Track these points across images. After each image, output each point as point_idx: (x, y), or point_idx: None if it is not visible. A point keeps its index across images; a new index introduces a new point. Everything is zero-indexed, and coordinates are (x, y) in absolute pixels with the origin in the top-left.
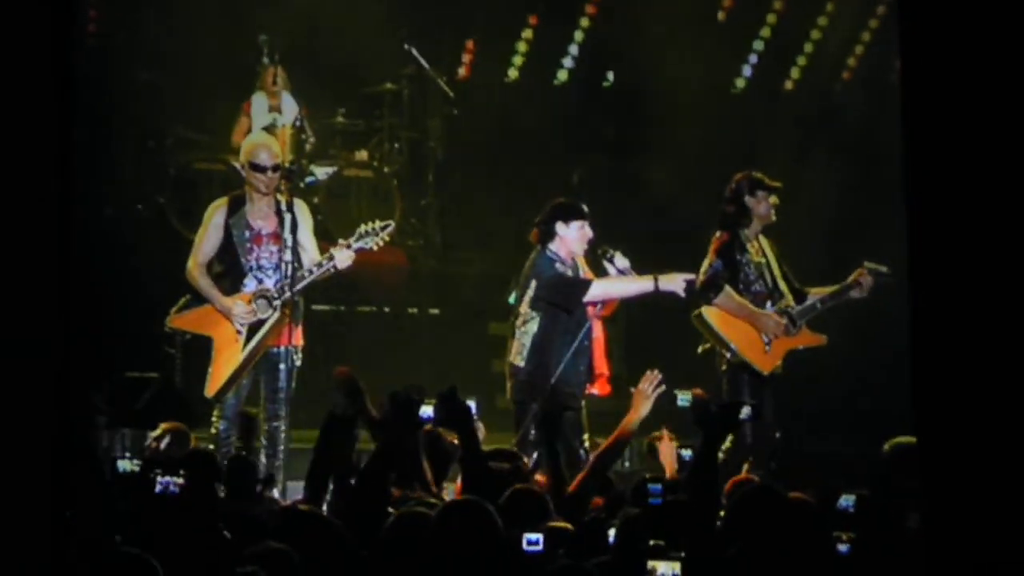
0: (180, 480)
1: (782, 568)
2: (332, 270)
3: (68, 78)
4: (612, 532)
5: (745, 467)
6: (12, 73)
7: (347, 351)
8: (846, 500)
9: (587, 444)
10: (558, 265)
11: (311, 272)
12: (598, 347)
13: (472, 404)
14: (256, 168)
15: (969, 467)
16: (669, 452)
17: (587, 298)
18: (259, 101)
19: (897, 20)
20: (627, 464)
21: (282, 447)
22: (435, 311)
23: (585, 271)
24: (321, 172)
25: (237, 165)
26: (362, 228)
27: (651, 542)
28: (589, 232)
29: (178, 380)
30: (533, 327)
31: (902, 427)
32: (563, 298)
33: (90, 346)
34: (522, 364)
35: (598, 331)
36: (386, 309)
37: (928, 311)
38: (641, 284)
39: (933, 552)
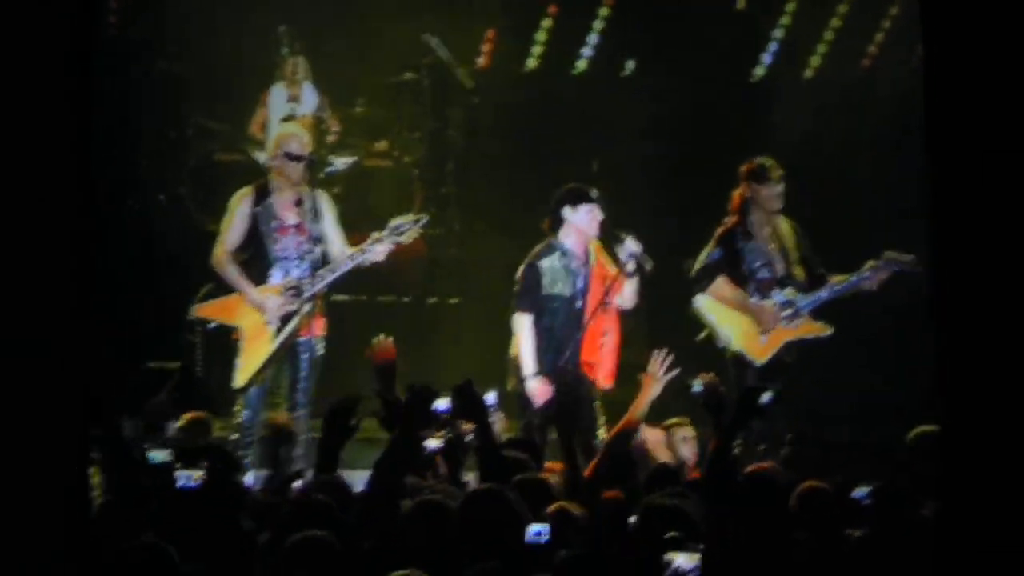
0: (200, 473)
1: (794, 557)
2: (365, 263)
3: (87, 68)
4: (632, 520)
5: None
6: (32, 64)
7: (367, 341)
8: (861, 491)
9: (601, 434)
10: (548, 260)
11: (344, 264)
12: (590, 338)
13: (492, 394)
14: (289, 157)
15: (992, 457)
16: (660, 442)
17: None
18: (278, 91)
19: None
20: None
21: (304, 437)
22: (455, 300)
23: (600, 257)
24: (341, 162)
25: (261, 155)
26: (394, 222)
27: (669, 534)
28: (599, 215)
29: (200, 369)
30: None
31: (920, 416)
32: None
33: (112, 337)
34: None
35: (605, 324)
36: (406, 299)
37: (951, 301)
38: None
39: (947, 540)
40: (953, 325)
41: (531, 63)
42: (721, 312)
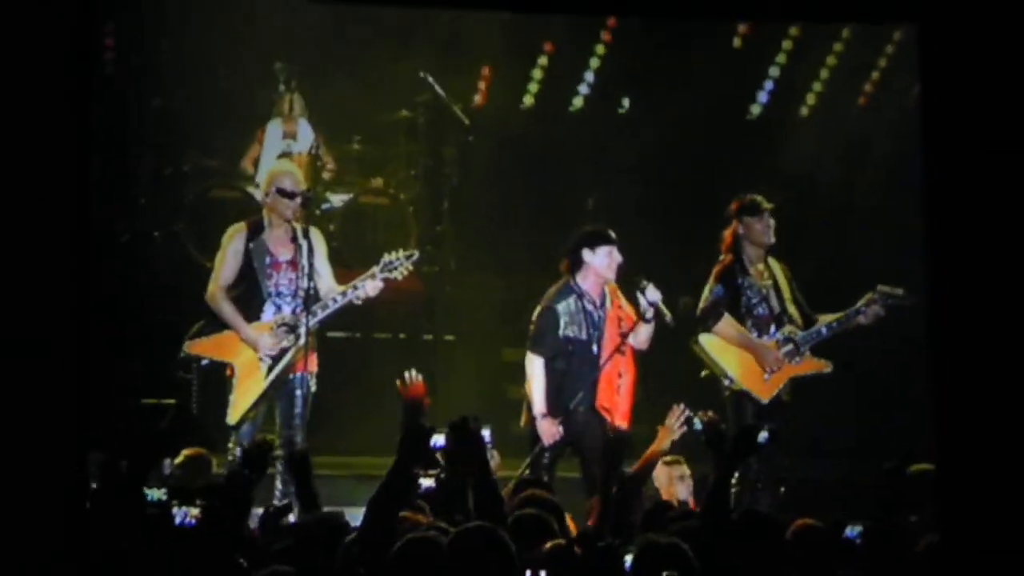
0: (196, 512)
1: None
2: (357, 300)
3: (86, 102)
4: (628, 559)
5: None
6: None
7: (362, 378)
8: (852, 530)
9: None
10: (564, 302)
11: (335, 301)
12: (607, 381)
13: (487, 432)
14: (282, 194)
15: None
16: (666, 476)
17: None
18: (274, 128)
19: (917, 49)
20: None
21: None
22: (450, 337)
23: (616, 300)
24: (337, 199)
25: (256, 192)
26: (387, 257)
27: (664, 573)
28: (618, 257)
29: (195, 406)
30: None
31: (916, 453)
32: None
33: (108, 373)
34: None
35: (621, 366)
36: (401, 336)
37: (948, 336)
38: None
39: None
40: (950, 360)
41: (527, 100)
42: (725, 351)
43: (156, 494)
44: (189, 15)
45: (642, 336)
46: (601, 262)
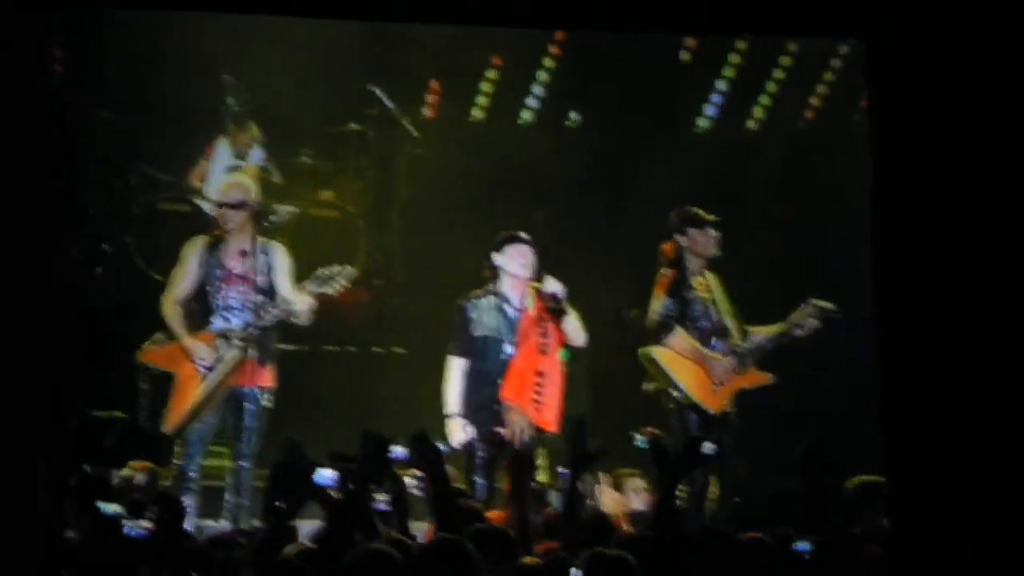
0: (146, 524)
1: None
2: (294, 317)
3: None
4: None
5: (709, 506)
6: None
7: (313, 391)
8: (802, 544)
9: (541, 478)
10: (476, 302)
11: (271, 316)
12: (517, 376)
13: (440, 446)
14: (228, 206)
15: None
16: (615, 502)
17: None
18: (222, 146)
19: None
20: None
21: (247, 487)
22: (401, 350)
23: (537, 303)
24: (285, 212)
25: (206, 204)
26: (319, 272)
27: None
28: (528, 256)
29: (145, 417)
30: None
31: (861, 465)
32: None
33: (56, 386)
34: None
35: (541, 365)
36: (351, 349)
37: (894, 350)
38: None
39: None
40: (896, 373)
41: (476, 114)
42: (677, 363)
43: (111, 508)
44: (136, 28)
45: (569, 331)
46: (509, 261)
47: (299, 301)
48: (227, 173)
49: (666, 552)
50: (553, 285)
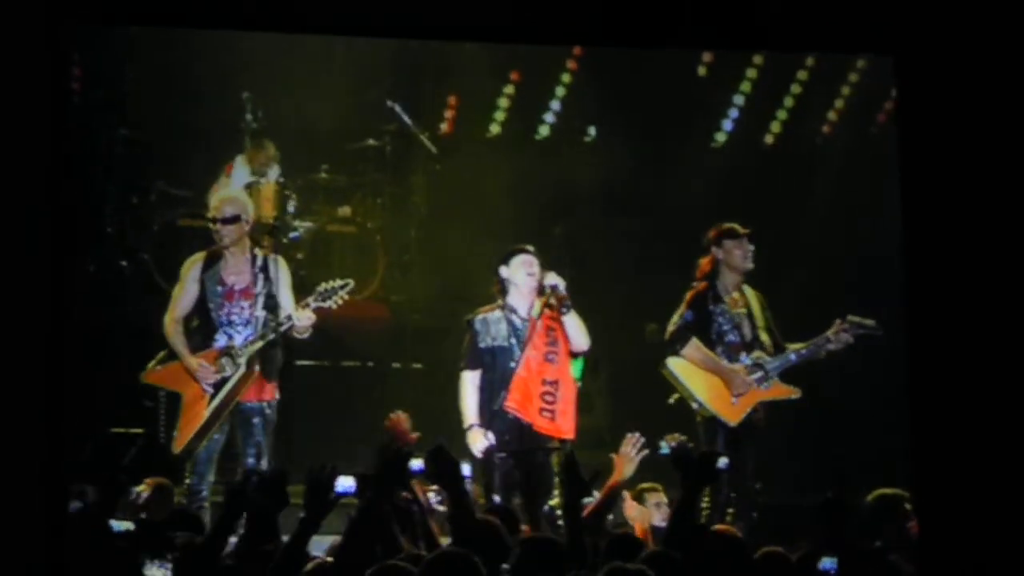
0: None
1: None
2: (291, 330)
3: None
4: None
5: (727, 519)
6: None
7: (331, 406)
8: (829, 562)
9: (553, 501)
10: (485, 316)
11: (271, 330)
12: (522, 383)
13: (467, 467)
14: (223, 221)
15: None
16: (638, 513)
17: None
18: (241, 165)
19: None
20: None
21: None
22: (418, 365)
23: (545, 312)
24: (304, 228)
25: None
26: (321, 287)
27: None
28: (534, 267)
29: (162, 435)
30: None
31: (886, 478)
32: None
33: (75, 402)
34: None
35: (549, 373)
36: (370, 364)
37: (925, 366)
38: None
39: None
40: (926, 390)
41: (494, 129)
42: (694, 375)
43: (123, 525)
44: (155, 46)
45: (571, 334)
46: (516, 273)
47: (301, 316)
48: (244, 189)
49: (689, 568)
50: (553, 279)
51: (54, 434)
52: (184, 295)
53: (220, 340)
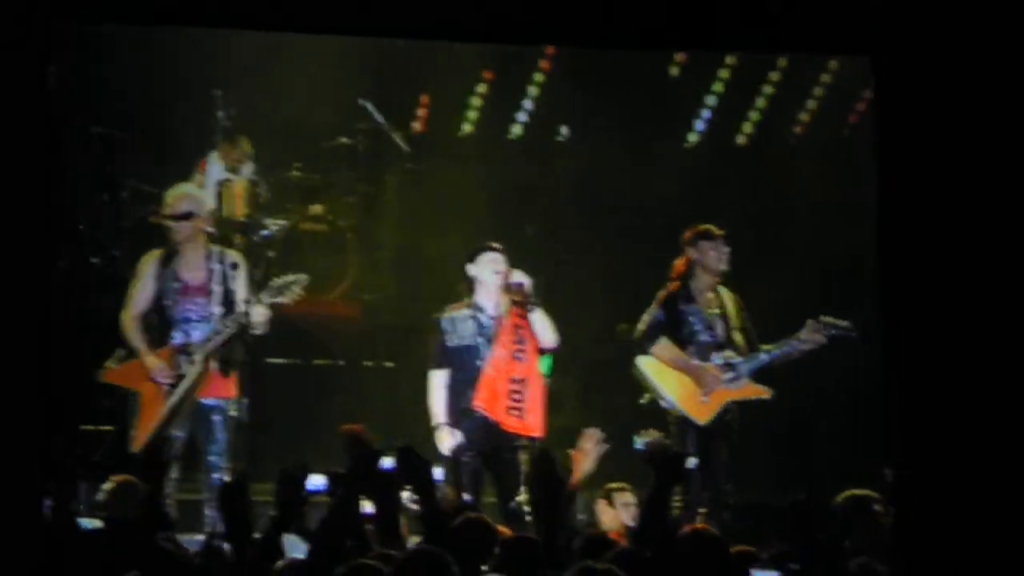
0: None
1: None
2: (253, 329)
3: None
4: None
5: (699, 519)
6: None
7: (302, 404)
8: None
9: (520, 498)
10: (452, 315)
11: (227, 327)
12: (489, 383)
13: (439, 470)
14: (174, 217)
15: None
16: (611, 513)
17: None
18: (215, 161)
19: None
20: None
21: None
22: (390, 364)
23: (513, 310)
24: (276, 226)
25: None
26: (275, 282)
27: None
28: (501, 264)
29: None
30: None
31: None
32: None
33: (44, 400)
34: None
35: (517, 371)
36: (341, 363)
37: (900, 366)
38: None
39: None
40: (902, 390)
41: (466, 128)
42: (663, 373)
43: (91, 523)
44: (128, 43)
45: (539, 330)
46: (482, 270)
47: (256, 312)
48: (216, 187)
49: (658, 566)
50: (519, 276)
51: (26, 432)
52: (141, 292)
53: (177, 337)
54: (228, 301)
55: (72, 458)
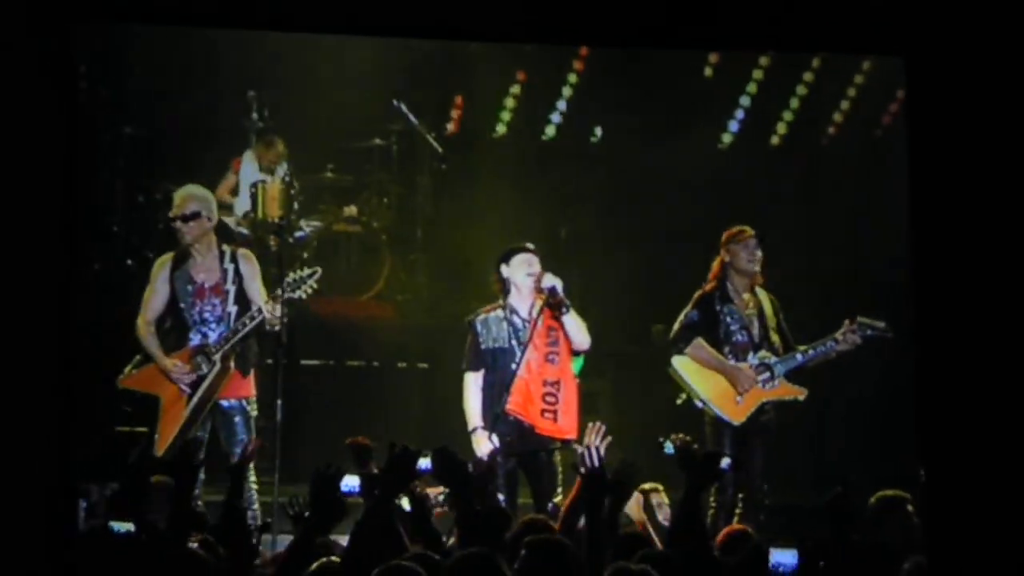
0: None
1: None
2: (270, 326)
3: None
4: None
5: (735, 519)
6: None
7: (336, 406)
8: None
9: (558, 499)
10: (486, 316)
11: (244, 325)
12: (523, 386)
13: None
14: (182, 219)
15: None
16: (637, 507)
17: None
18: (249, 161)
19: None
20: None
21: (255, 500)
22: (424, 365)
23: (548, 311)
24: (310, 227)
25: (230, 219)
26: (289, 277)
27: None
28: (535, 266)
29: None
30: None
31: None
32: None
33: (81, 401)
34: None
35: (550, 374)
36: (375, 364)
37: (932, 367)
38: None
39: None
40: (934, 391)
41: (500, 129)
42: (698, 373)
43: (123, 527)
44: (159, 45)
45: (571, 333)
46: (516, 272)
47: (271, 309)
48: (250, 188)
49: (691, 567)
50: (551, 280)
51: (60, 433)
52: (155, 296)
53: (194, 339)
54: (242, 299)
55: (106, 460)
